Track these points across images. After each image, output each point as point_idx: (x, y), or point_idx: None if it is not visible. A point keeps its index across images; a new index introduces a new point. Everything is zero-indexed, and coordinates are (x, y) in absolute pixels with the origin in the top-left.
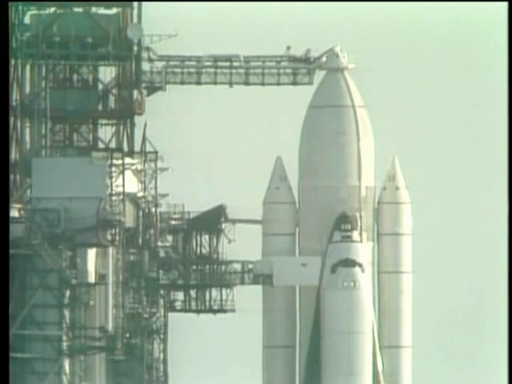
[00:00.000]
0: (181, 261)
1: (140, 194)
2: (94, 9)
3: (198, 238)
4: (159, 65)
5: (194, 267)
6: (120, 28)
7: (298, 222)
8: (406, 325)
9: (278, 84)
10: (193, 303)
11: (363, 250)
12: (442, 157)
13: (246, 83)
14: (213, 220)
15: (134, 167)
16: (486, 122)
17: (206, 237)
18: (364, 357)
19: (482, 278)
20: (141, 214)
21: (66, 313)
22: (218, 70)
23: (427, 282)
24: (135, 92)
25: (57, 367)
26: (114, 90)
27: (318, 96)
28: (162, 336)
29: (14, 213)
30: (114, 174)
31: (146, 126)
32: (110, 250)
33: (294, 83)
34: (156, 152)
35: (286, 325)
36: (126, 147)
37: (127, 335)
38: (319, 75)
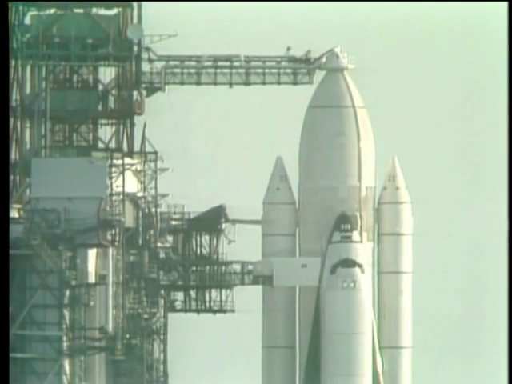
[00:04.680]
0: (181, 261)
1: (140, 195)
2: (94, 9)
3: (198, 239)
4: (159, 65)
5: (194, 268)
6: (120, 28)
7: (298, 222)
8: (405, 325)
9: (278, 83)
10: (193, 303)
11: (363, 250)
12: (442, 157)
13: (246, 83)
14: (213, 220)
15: (133, 167)
16: (486, 121)
17: (206, 237)
18: (363, 357)
19: (482, 278)
20: (141, 214)
21: (66, 313)
22: (218, 70)
23: (427, 283)
24: (135, 92)
25: (57, 367)
26: (114, 91)
27: (318, 96)
28: (161, 336)
29: (13, 213)
30: (113, 175)
31: (145, 126)
32: (110, 250)
33: (294, 83)
34: (156, 152)
35: (286, 325)
36: (125, 147)
37: (127, 335)
38: (319, 75)
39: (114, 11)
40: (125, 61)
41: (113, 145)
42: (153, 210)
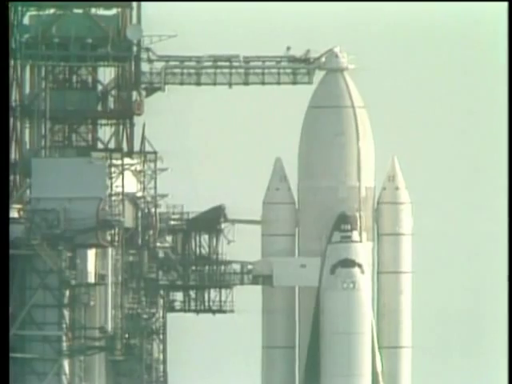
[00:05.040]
0: (180, 261)
1: (139, 195)
2: (93, 10)
3: (198, 239)
4: (158, 65)
5: (194, 268)
6: (119, 29)
7: (298, 222)
8: (405, 325)
9: (278, 83)
10: (192, 303)
11: (363, 250)
12: (442, 157)
13: (246, 83)
14: (212, 220)
15: (133, 167)
16: (486, 122)
17: (206, 237)
18: (363, 357)
19: (482, 278)
20: (140, 214)
21: (66, 313)
22: (218, 71)
23: (427, 283)
24: (134, 93)
25: (56, 367)
26: (113, 91)
27: (317, 96)
28: (161, 336)
29: (13, 213)
30: (113, 175)
31: (144, 126)
32: (110, 250)
33: (294, 83)
34: (155, 152)
35: (286, 325)
36: (125, 147)
37: (126, 335)
38: (319, 75)
39: (113, 11)
40: (124, 61)
41: (112, 145)
42: (152, 210)
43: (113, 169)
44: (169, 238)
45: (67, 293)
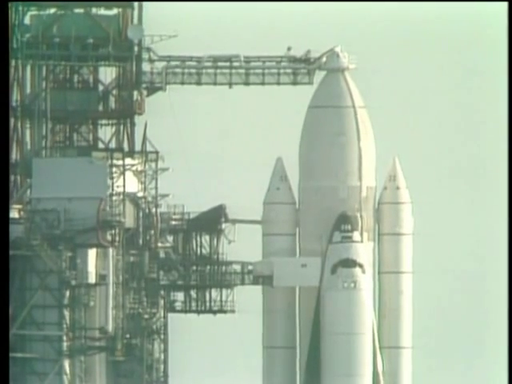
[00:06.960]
0: (181, 261)
1: (140, 195)
2: (94, 9)
3: (198, 239)
4: (159, 65)
5: (194, 268)
6: (120, 29)
7: (299, 222)
8: (406, 325)
9: (278, 84)
10: (193, 304)
11: (363, 250)
12: (443, 157)
13: (246, 83)
14: (213, 220)
15: (134, 167)
16: (486, 121)
17: (206, 237)
18: (364, 357)
19: (482, 277)
20: (141, 214)
21: (66, 313)
22: (218, 71)
23: (427, 283)
24: (135, 92)
25: (57, 367)
26: (115, 91)
27: (318, 96)
28: (162, 336)
29: (13, 213)
30: (114, 175)
31: (146, 126)
32: (110, 250)
33: (294, 83)
34: (157, 152)
35: (286, 326)
36: (126, 147)
37: (127, 336)
38: (319, 75)
39: (114, 11)
40: (125, 61)
41: (113, 145)
42: (153, 210)
43: (114, 169)
44: (170, 238)
45: (67, 293)
